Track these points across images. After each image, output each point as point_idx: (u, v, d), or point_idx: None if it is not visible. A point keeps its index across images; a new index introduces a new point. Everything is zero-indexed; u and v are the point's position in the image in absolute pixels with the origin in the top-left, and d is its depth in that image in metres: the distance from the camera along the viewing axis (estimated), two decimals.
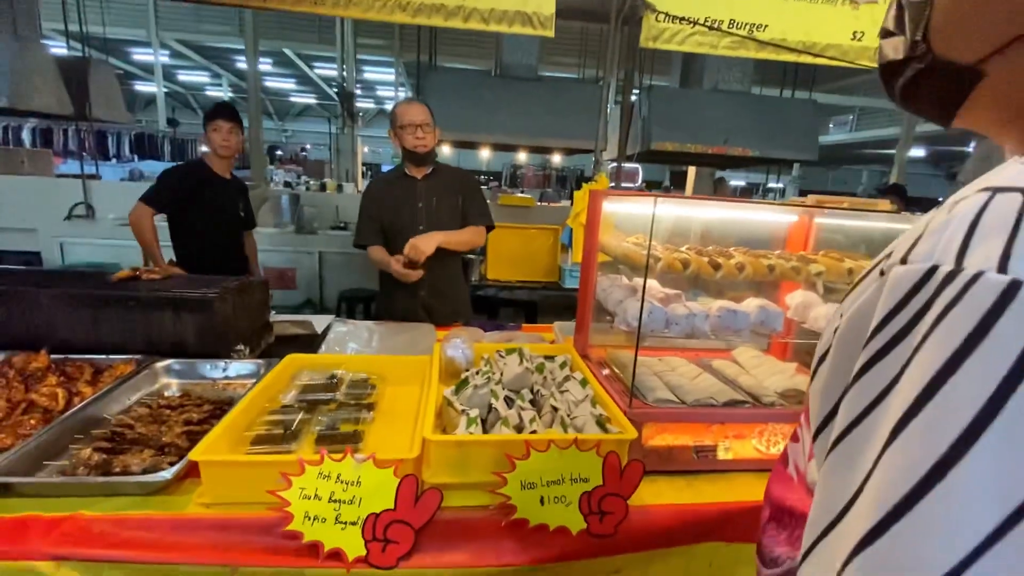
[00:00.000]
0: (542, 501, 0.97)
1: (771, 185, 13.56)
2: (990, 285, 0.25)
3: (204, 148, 2.70)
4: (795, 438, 0.55)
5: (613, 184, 3.48)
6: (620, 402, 1.19)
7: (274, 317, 2.00)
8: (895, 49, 0.42)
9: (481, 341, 1.54)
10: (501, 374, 1.29)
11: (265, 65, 11.95)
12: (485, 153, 7.16)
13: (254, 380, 1.38)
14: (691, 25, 2.70)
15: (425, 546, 0.94)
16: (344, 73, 7.74)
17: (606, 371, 1.41)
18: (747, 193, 14.83)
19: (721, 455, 1.18)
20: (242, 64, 12.10)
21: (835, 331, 0.38)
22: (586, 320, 1.51)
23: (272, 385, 1.29)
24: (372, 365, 1.47)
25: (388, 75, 12.19)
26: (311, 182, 6.50)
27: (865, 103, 9.97)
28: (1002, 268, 0.25)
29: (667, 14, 2.68)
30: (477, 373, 1.26)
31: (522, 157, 10.55)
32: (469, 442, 1.00)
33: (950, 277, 0.27)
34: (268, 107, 16.64)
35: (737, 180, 15.08)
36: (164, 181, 2.59)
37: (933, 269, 0.28)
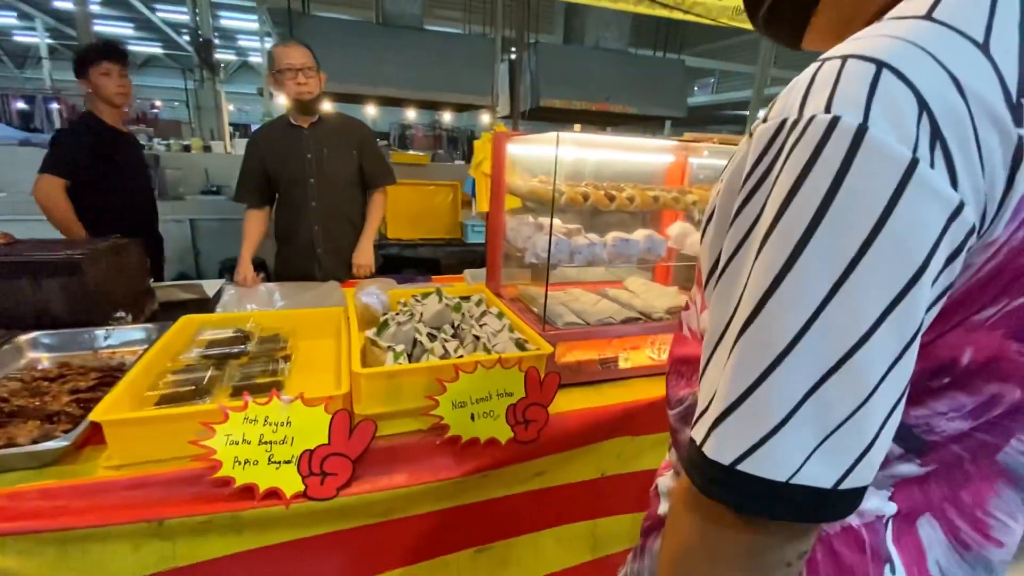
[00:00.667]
0: (472, 417, 1.05)
1: None
2: (818, 123, 0.35)
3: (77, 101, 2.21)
4: (686, 307, 0.67)
5: None
6: (535, 327, 1.29)
7: (157, 284, 1.81)
8: None
9: (394, 288, 1.55)
10: (421, 315, 1.33)
11: (94, 6, 10.02)
12: (371, 110, 6.79)
13: (146, 346, 1.27)
14: None
15: (363, 474, 0.98)
16: (198, 19, 6.77)
17: (518, 305, 1.51)
18: None
19: (622, 364, 1.34)
20: (62, 3, 10.03)
21: (716, 193, 0.48)
22: (497, 261, 1.58)
23: (171, 345, 1.20)
24: (281, 320, 1.41)
25: (250, 22, 10.87)
26: (171, 142, 5.71)
27: (725, 67, 11.01)
28: (827, 109, 0.35)
29: None
30: (397, 315, 1.29)
31: (411, 116, 10.17)
32: (400, 372, 1.03)
33: (794, 125, 0.36)
34: None
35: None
36: (64, 144, 2.13)
37: (783, 121, 0.37)
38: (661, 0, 2.94)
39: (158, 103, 14.02)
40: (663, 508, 0.63)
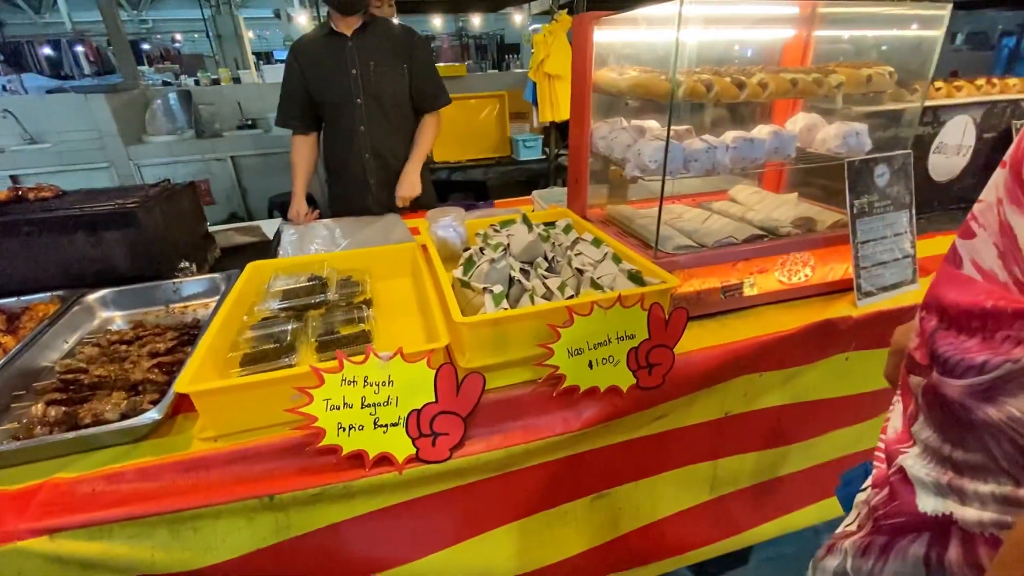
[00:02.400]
0: (591, 365, 0.90)
1: None
2: None
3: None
4: (966, 232, 0.46)
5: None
6: (642, 255, 1.10)
7: (214, 229, 1.71)
8: None
9: (468, 219, 1.37)
10: (507, 247, 1.16)
11: None
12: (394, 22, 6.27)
13: (218, 298, 1.17)
14: None
15: (475, 432, 0.87)
16: None
17: (612, 229, 1.31)
18: None
19: (747, 292, 1.15)
20: None
21: None
22: (583, 177, 1.36)
23: (244, 297, 1.10)
24: (353, 261, 1.28)
25: None
26: (200, 76, 5.48)
27: None
28: None
29: None
30: (482, 250, 1.12)
31: (436, 24, 9.42)
32: (506, 319, 0.88)
33: None
34: None
35: None
36: None
37: None
38: None
39: (178, 37, 13.61)
40: (927, 505, 0.47)
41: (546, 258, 1.16)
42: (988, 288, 0.43)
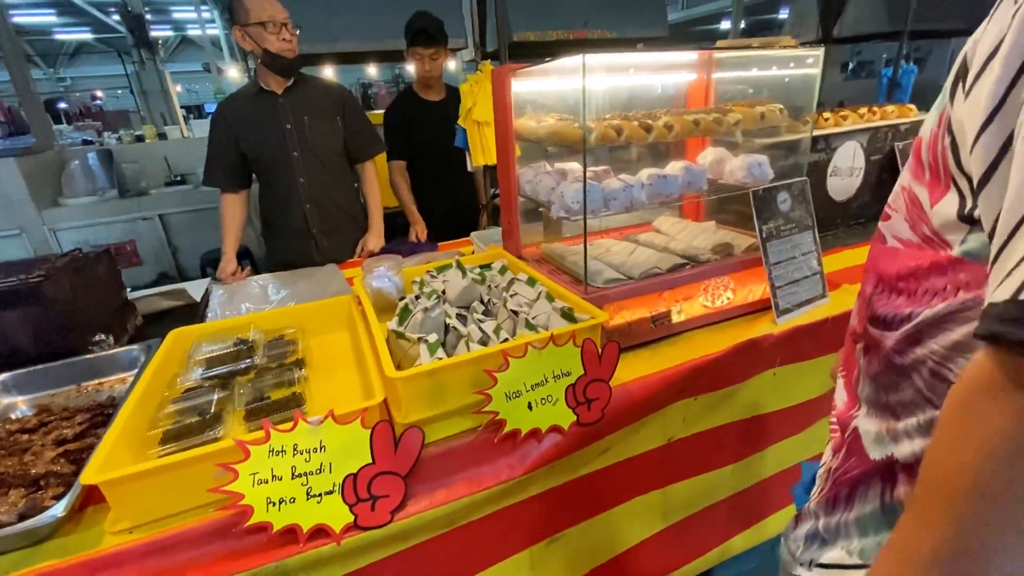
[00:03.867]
0: (530, 406, 0.91)
1: None
2: None
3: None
4: (884, 217, 0.59)
5: None
6: (574, 291, 1.13)
7: (135, 295, 1.62)
8: None
9: (405, 266, 1.37)
10: (443, 293, 1.16)
11: None
12: (328, 71, 6.31)
13: (136, 371, 1.10)
14: None
15: (417, 490, 0.85)
16: None
17: (546, 267, 1.34)
18: None
19: (676, 319, 1.20)
20: None
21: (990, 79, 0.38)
22: (514, 219, 1.40)
23: (165, 368, 1.04)
24: (285, 318, 1.24)
25: None
26: (122, 134, 5.27)
27: None
28: None
29: None
30: (417, 298, 1.12)
31: (372, 72, 9.56)
32: (442, 369, 0.88)
33: None
34: (28, 50, 12.97)
35: None
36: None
37: None
38: None
39: (99, 94, 13.10)
40: (875, 452, 0.56)
41: (482, 301, 1.17)
42: (908, 252, 0.53)
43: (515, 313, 1.06)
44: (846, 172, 1.76)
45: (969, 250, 0.45)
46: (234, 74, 7.52)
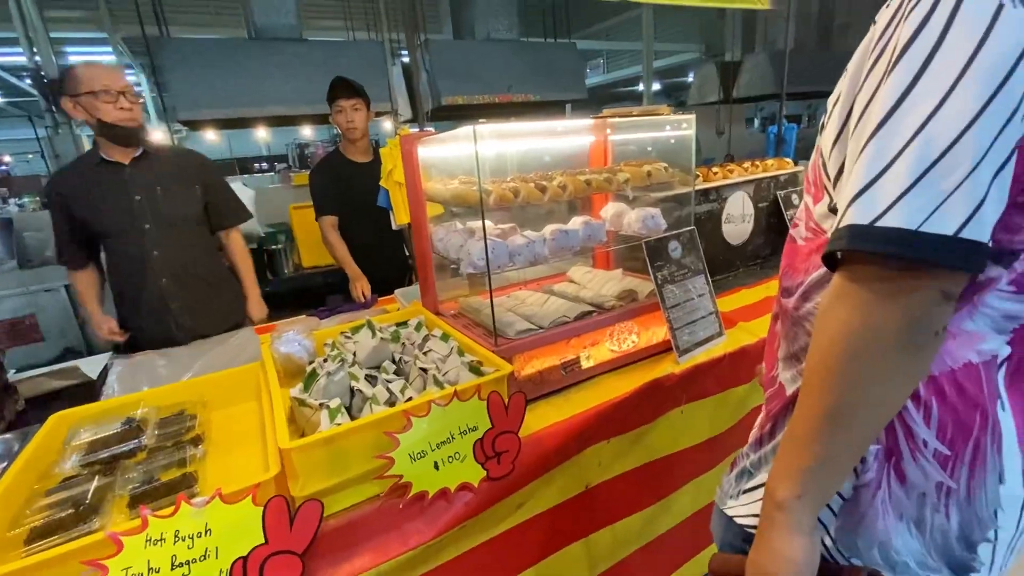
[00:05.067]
0: (436, 466, 0.90)
1: None
2: None
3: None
4: (793, 225, 0.73)
5: None
6: (486, 344, 1.16)
7: (22, 376, 1.49)
8: None
9: (319, 329, 1.35)
10: (354, 355, 1.15)
11: None
12: (262, 133, 6.30)
13: (5, 463, 1.00)
14: None
15: (317, 567, 0.81)
16: (38, 59, 5.89)
17: (463, 321, 1.37)
18: None
19: (584, 364, 1.25)
20: None
21: (838, 92, 0.60)
22: (429, 276, 1.43)
23: (40, 458, 0.95)
24: (183, 393, 1.18)
25: (105, 55, 9.73)
26: (27, 200, 4.93)
27: (612, 47, 11.34)
28: None
29: None
30: (325, 361, 1.10)
31: (307, 133, 9.59)
32: (340, 435, 0.86)
33: None
34: None
35: None
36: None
37: None
38: None
39: (7, 158, 12.30)
40: (789, 390, 0.69)
41: (394, 360, 1.17)
42: (804, 245, 0.69)
43: (424, 371, 1.07)
44: (738, 219, 1.95)
45: None
46: (159, 136, 7.32)
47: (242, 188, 3.15)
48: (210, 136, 7.10)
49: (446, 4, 6.59)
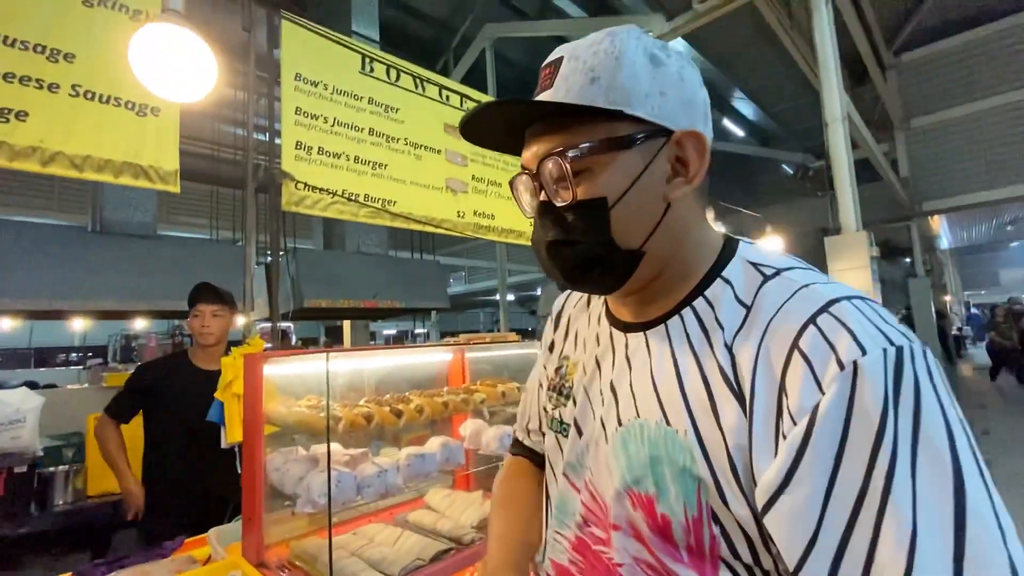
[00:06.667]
0: None
1: (418, 331, 15.48)
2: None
3: None
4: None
5: (269, 345, 3.17)
6: None
7: None
8: (587, 248, 0.54)
9: None
10: None
11: None
12: (77, 323, 5.48)
13: None
14: (331, 195, 2.93)
15: None
16: None
17: (296, 573, 1.13)
18: (400, 339, 16.48)
19: None
20: None
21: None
22: (256, 515, 1.20)
23: None
24: None
25: None
26: None
27: (472, 263, 12.94)
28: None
29: (307, 184, 2.84)
30: None
31: (140, 325, 8.58)
32: None
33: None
34: None
35: (389, 329, 16.61)
36: None
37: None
38: (414, 217, 3.30)
39: None
40: None
41: None
42: None
43: None
44: None
45: None
46: None
47: (24, 394, 2.53)
48: (4, 324, 5.98)
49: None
